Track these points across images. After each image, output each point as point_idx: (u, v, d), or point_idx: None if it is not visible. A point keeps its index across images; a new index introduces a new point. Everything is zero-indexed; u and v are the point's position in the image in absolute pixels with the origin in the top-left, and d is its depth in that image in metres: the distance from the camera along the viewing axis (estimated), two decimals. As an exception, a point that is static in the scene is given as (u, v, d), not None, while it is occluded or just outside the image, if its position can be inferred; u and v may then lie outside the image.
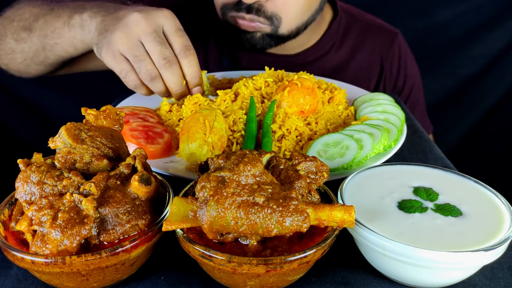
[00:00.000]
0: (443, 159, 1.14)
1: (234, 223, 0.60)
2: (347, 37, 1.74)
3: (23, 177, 0.65)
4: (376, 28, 1.78)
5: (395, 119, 1.10)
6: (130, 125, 1.06)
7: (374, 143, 0.98)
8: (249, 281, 0.63)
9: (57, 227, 0.60)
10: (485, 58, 2.48)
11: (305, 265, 0.62)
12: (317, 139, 1.02)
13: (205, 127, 0.94)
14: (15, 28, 1.37)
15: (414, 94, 1.85)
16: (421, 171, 0.82)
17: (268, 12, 1.41)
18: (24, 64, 1.43)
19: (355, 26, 1.76)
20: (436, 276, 0.67)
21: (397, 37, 1.78)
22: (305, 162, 0.71)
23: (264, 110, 1.12)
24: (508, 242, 0.65)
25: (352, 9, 1.81)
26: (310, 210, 0.62)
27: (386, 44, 1.76)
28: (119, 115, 0.78)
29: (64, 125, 0.71)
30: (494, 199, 0.74)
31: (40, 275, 0.64)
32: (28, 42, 1.35)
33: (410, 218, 0.70)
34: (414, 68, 1.84)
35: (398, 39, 1.78)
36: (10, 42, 1.39)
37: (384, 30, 1.79)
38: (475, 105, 2.59)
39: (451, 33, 2.45)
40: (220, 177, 0.63)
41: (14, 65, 1.46)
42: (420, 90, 1.89)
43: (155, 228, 0.66)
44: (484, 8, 2.38)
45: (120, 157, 0.74)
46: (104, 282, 0.66)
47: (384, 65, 1.77)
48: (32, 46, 1.35)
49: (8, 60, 1.45)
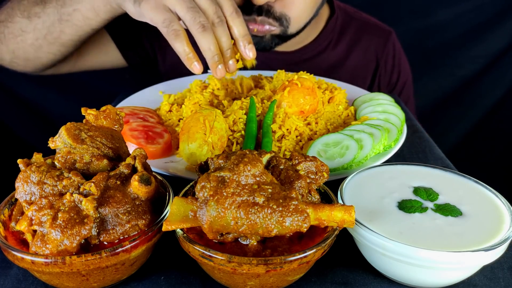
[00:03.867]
0: (443, 159, 1.14)
1: (234, 223, 0.60)
2: (344, 35, 1.76)
3: (23, 177, 0.65)
4: (372, 27, 1.82)
5: (395, 119, 1.10)
6: (130, 125, 1.06)
7: (374, 143, 0.98)
8: (249, 281, 0.63)
9: (57, 227, 0.60)
10: (485, 58, 2.48)
11: (305, 265, 0.62)
12: (317, 139, 1.02)
13: (205, 127, 0.94)
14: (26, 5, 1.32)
15: (406, 90, 1.89)
16: (421, 171, 0.82)
17: (277, 13, 1.43)
18: (35, 45, 1.36)
19: (351, 24, 1.79)
20: (436, 276, 0.67)
21: (391, 35, 1.82)
22: (305, 162, 0.71)
23: (264, 110, 1.12)
24: (508, 242, 0.65)
25: (348, 8, 1.84)
26: (310, 210, 0.62)
27: (381, 42, 1.80)
28: (119, 115, 0.78)
29: (64, 125, 0.71)
30: (494, 199, 0.74)
31: (40, 275, 0.64)
32: (43, 16, 1.29)
33: (410, 218, 0.70)
34: (406, 65, 1.89)
35: (392, 37, 1.82)
36: (20, 22, 1.33)
37: (379, 29, 1.83)
38: (475, 105, 2.59)
39: (451, 33, 2.45)
40: (220, 177, 0.63)
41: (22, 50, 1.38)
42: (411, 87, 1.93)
43: (155, 228, 0.66)
44: (484, 8, 2.38)
45: (120, 157, 0.74)
46: (104, 282, 0.66)
47: (379, 63, 1.80)
48: (47, 20, 1.29)
49: (16, 45, 1.38)
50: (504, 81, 2.52)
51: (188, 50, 1.00)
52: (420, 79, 1.95)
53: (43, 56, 1.41)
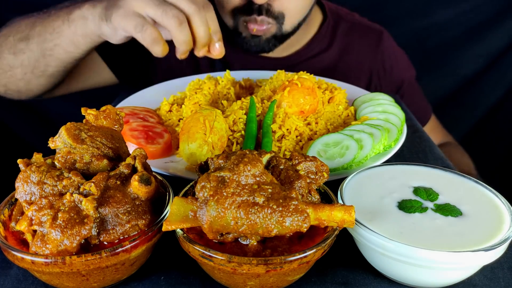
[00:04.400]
0: (443, 159, 1.14)
1: (234, 223, 0.60)
2: (335, 38, 1.77)
3: (23, 177, 0.65)
4: (362, 28, 1.81)
5: (395, 119, 1.10)
6: (130, 125, 1.06)
7: (374, 143, 0.98)
8: (249, 281, 0.63)
9: (57, 227, 0.60)
10: (485, 57, 2.48)
11: (305, 265, 0.62)
12: (317, 139, 1.02)
13: (205, 127, 0.94)
14: (12, 42, 1.36)
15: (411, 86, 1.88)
16: (421, 171, 0.82)
17: (276, 12, 1.45)
18: (25, 80, 1.41)
19: (343, 27, 1.78)
20: (436, 276, 0.67)
21: (383, 35, 1.81)
22: (305, 162, 0.71)
23: (264, 110, 1.12)
24: (508, 242, 0.65)
25: (340, 10, 1.84)
26: (310, 210, 0.62)
27: (373, 43, 1.79)
28: (119, 115, 0.78)
29: (64, 125, 0.71)
30: (494, 199, 0.74)
31: (40, 275, 0.64)
32: (27, 52, 1.34)
33: (410, 218, 0.70)
34: (405, 61, 1.87)
35: (384, 36, 1.81)
36: (7, 58, 1.38)
37: (370, 30, 1.82)
38: (475, 105, 2.59)
39: (451, 33, 2.45)
40: (220, 177, 0.63)
41: (13, 84, 1.44)
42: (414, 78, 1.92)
43: (155, 228, 0.66)
44: (484, 8, 2.38)
45: (120, 157, 0.74)
46: (104, 282, 0.66)
47: (373, 63, 1.79)
48: (31, 56, 1.34)
49: (6, 79, 1.43)
50: (504, 81, 2.52)
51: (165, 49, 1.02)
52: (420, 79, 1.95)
53: (34, 88, 1.45)
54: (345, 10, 1.86)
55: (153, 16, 1.01)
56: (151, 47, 1.02)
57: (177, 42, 1.03)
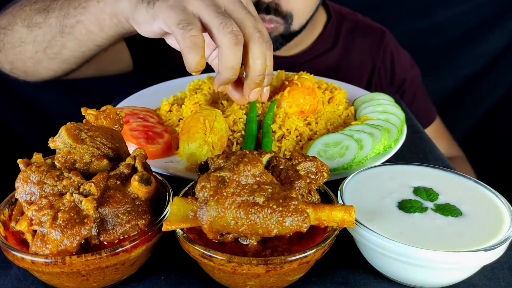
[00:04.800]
0: (443, 159, 1.14)
1: (234, 223, 0.60)
2: (338, 38, 1.78)
3: (23, 177, 0.65)
4: (365, 28, 1.82)
5: (395, 119, 1.10)
6: (130, 125, 1.06)
7: (374, 143, 0.98)
8: (249, 281, 0.63)
9: (57, 227, 0.60)
10: (485, 58, 2.48)
11: (305, 265, 0.62)
12: (317, 139, 1.02)
13: (205, 127, 0.94)
14: (27, 13, 1.21)
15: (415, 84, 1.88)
16: (421, 171, 0.82)
17: (284, 12, 1.45)
18: (34, 59, 1.26)
19: (345, 26, 1.80)
20: (436, 276, 0.67)
21: (385, 35, 1.82)
22: (305, 162, 0.71)
23: (264, 110, 1.12)
24: (508, 242, 0.65)
25: (343, 9, 1.85)
26: (310, 210, 0.62)
27: (375, 43, 1.80)
28: (119, 115, 0.78)
29: (64, 125, 0.71)
30: (494, 199, 0.74)
31: (40, 275, 0.64)
32: (44, 27, 1.19)
33: (410, 218, 0.70)
34: (407, 61, 1.88)
35: (386, 36, 1.82)
36: (20, 31, 1.23)
37: (372, 29, 1.83)
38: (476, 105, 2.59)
39: (451, 33, 2.45)
40: (220, 177, 0.63)
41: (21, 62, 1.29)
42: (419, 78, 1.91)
43: (155, 228, 0.66)
44: (484, 8, 2.38)
45: (120, 157, 0.74)
46: (104, 282, 0.66)
47: (375, 63, 1.80)
48: (48, 32, 1.18)
49: (14, 56, 1.28)
50: (504, 81, 2.52)
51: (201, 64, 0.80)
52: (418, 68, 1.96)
53: (43, 72, 1.32)
54: (347, 10, 1.87)
55: (208, 22, 0.82)
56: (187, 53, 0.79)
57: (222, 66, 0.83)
